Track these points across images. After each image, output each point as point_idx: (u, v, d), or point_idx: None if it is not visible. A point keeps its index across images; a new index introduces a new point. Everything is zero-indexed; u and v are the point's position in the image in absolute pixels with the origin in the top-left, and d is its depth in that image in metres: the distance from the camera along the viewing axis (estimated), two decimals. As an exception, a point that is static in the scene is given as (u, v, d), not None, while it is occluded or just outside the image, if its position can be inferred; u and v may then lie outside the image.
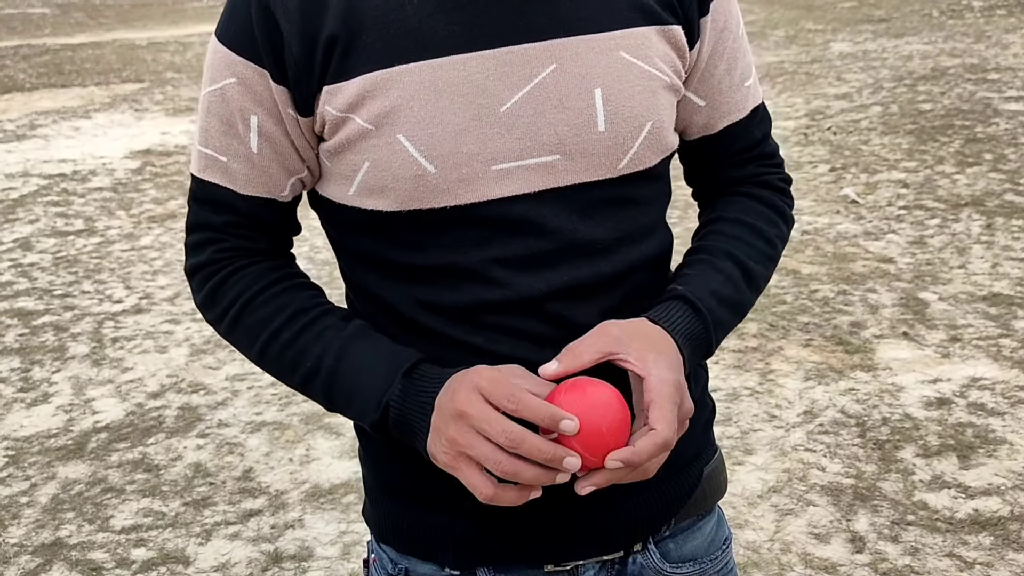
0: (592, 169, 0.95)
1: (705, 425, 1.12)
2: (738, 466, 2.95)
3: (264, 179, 0.98)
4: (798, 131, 6.97)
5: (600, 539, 1.02)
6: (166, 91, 10.54)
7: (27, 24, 18.34)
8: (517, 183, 0.93)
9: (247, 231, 1.01)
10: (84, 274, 5.06)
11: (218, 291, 1.01)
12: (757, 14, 13.12)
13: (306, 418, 3.42)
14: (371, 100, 0.90)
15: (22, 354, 4.12)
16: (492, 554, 1.02)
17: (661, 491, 1.05)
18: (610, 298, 0.97)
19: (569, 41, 0.93)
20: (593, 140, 0.94)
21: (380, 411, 0.93)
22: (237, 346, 1.03)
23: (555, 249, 0.94)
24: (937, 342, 3.66)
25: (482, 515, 1.00)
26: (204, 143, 0.99)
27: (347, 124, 0.92)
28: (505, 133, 0.92)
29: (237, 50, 0.93)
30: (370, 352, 0.96)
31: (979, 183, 5.47)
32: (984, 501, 2.70)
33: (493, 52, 0.91)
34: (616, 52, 0.94)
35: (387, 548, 1.09)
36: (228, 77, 0.94)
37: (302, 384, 0.99)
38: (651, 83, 0.96)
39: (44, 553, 2.75)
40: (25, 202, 6.51)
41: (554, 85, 0.92)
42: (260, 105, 0.94)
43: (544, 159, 0.93)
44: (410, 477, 1.03)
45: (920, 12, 11.98)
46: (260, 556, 2.69)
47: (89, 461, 3.25)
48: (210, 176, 0.99)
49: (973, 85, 7.74)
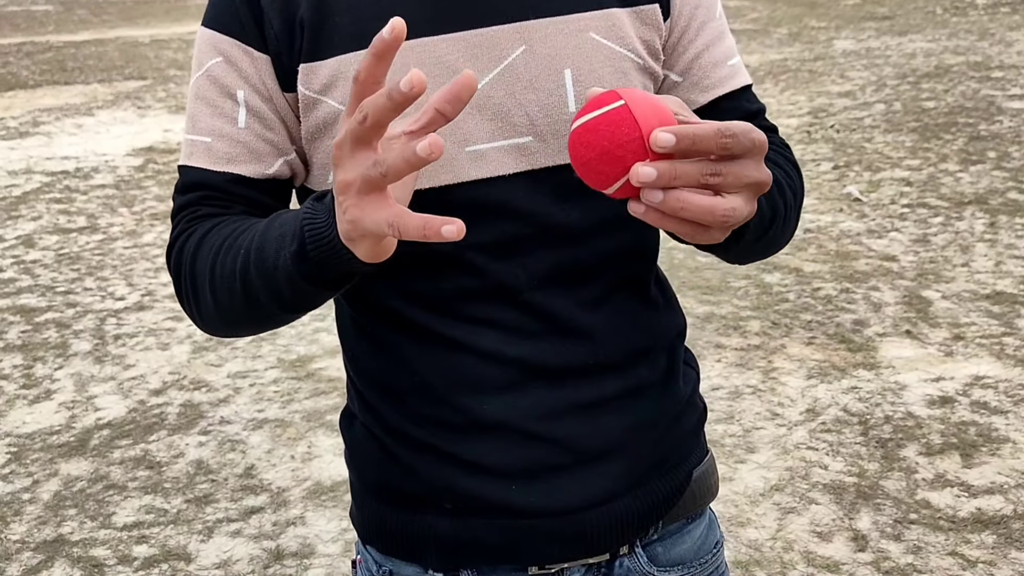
0: (565, 151, 0.93)
1: (695, 426, 1.10)
2: (740, 464, 2.95)
3: (247, 155, 0.96)
4: (801, 129, 6.96)
5: (585, 542, 1.01)
6: (169, 88, 10.54)
7: (31, 21, 18.35)
8: (491, 165, 0.93)
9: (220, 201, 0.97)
10: (86, 271, 5.06)
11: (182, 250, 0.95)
12: (760, 11, 13.10)
13: (308, 415, 3.42)
14: (343, 82, 0.91)
15: (24, 351, 4.12)
16: (475, 556, 1.01)
17: (647, 492, 1.03)
18: (590, 289, 0.97)
19: (538, 23, 0.93)
20: (564, 121, 0.93)
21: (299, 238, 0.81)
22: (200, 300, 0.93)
23: (531, 234, 0.94)
24: (940, 340, 3.65)
25: (465, 517, 0.99)
26: (191, 130, 0.98)
27: (320, 106, 0.92)
28: (477, 114, 0.92)
29: (221, 29, 0.95)
30: (295, 211, 0.87)
31: (982, 181, 5.46)
32: (987, 500, 2.69)
33: (463, 34, 0.92)
34: (586, 33, 0.94)
35: (371, 549, 1.08)
36: (214, 57, 0.95)
37: (243, 280, 0.87)
38: (622, 64, 0.95)
39: (46, 550, 2.76)
40: (28, 199, 6.52)
41: (524, 66, 0.93)
42: (246, 80, 0.95)
43: (517, 140, 0.93)
44: (393, 478, 1.03)
45: (924, 9, 11.95)
46: (262, 553, 2.69)
47: (91, 458, 3.25)
48: (193, 161, 0.97)
49: (977, 83, 7.72)
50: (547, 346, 0.96)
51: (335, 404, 3.48)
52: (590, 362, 0.98)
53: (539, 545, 1.00)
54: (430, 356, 0.94)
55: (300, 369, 3.79)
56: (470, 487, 0.99)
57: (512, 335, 0.95)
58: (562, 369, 0.97)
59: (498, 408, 0.97)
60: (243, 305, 0.89)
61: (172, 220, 1.01)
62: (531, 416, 0.97)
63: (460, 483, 0.99)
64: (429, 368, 0.97)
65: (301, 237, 0.80)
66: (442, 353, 0.95)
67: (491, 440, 0.97)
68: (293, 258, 0.81)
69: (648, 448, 1.03)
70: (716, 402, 3.31)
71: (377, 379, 1.02)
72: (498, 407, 0.97)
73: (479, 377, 0.96)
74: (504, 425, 0.97)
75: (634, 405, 1.01)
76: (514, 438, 0.97)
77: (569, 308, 0.96)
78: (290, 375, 3.75)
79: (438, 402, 0.98)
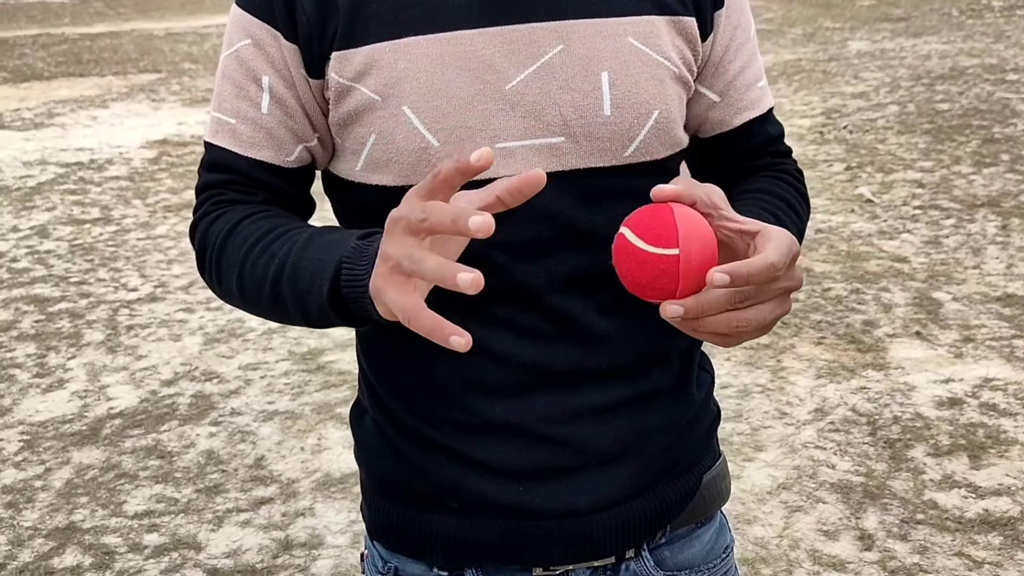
0: (597, 154, 0.93)
1: (708, 431, 1.09)
2: (748, 462, 2.96)
3: (270, 141, 0.97)
4: (814, 129, 6.95)
5: (591, 544, 1.00)
6: (183, 81, 10.58)
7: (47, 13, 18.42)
8: (521, 163, 0.92)
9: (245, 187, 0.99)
10: (100, 262, 5.10)
11: (207, 232, 0.98)
12: (775, 11, 13.07)
13: (318, 408, 3.44)
14: (378, 70, 0.90)
15: (38, 340, 4.15)
16: (480, 555, 1.01)
17: (655, 496, 1.02)
18: (608, 294, 0.95)
19: (577, 23, 0.92)
20: (599, 124, 0.92)
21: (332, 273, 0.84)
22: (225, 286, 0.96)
23: (555, 236, 0.93)
24: (950, 342, 3.65)
25: (472, 516, 0.99)
26: (217, 107, 0.99)
27: (353, 93, 0.92)
28: (510, 111, 0.91)
29: (252, 11, 0.94)
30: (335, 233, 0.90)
31: (995, 184, 5.45)
32: (994, 501, 2.70)
33: (501, 29, 0.91)
34: (624, 37, 0.93)
35: (378, 545, 1.08)
36: (244, 39, 0.95)
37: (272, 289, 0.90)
38: (659, 71, 0.95)
39: (58, 536, 2.78)
40: (42, 190, 6.56)
41: (560, 66, 0.92)
42: (272, 66, 0.94)
43: (549, 140, 0.92)
44: (401, 475, 1.02)
45: (939, 11, 11.91)
46: (271, 543, 2.71)
47: (103, 447, 3.28)
48: (219, 140, 0.98)
49: (991, 85, 7.70)
50: (562, 349, 0.96)
51: (345, 397, 3.50)
52: (604, 367, 0.97)
53: (545, 546, 0.99)
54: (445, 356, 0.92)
55: (311, 362, 3.81)
56: (478, 487, 0.98)
57: (528, 337, 0.95)
58: (576, 373, 0.97)
59: (509, 410, 0.96)
60: (269, 305, 0.93)
61: (197, 194, 1.02)
62: (542, 419, 0.96)
63: (468, 483, 0.99)
64: (443, 368, 0.97)
65: (337, 275, 0.84)
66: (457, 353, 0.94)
67: (501, 441, 0.97)
68: (327, 291, 0.85)
69: (658, 452, 1.02)
70: (725, 400, 3.32)
71: (390, 375, 1.02)
72: (510, 409, 0.96)
73: (493, 379, 0.95)
74: (515, 427, 0.97)
75: (646, 409, 1.01)
76: (524, 440, 0.97)
77: (587, 312, 0.96)
78: (301, 368, 3.77)
79: (450, 402, 0.98)
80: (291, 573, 2.58)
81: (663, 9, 0.96)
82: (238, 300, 0.97)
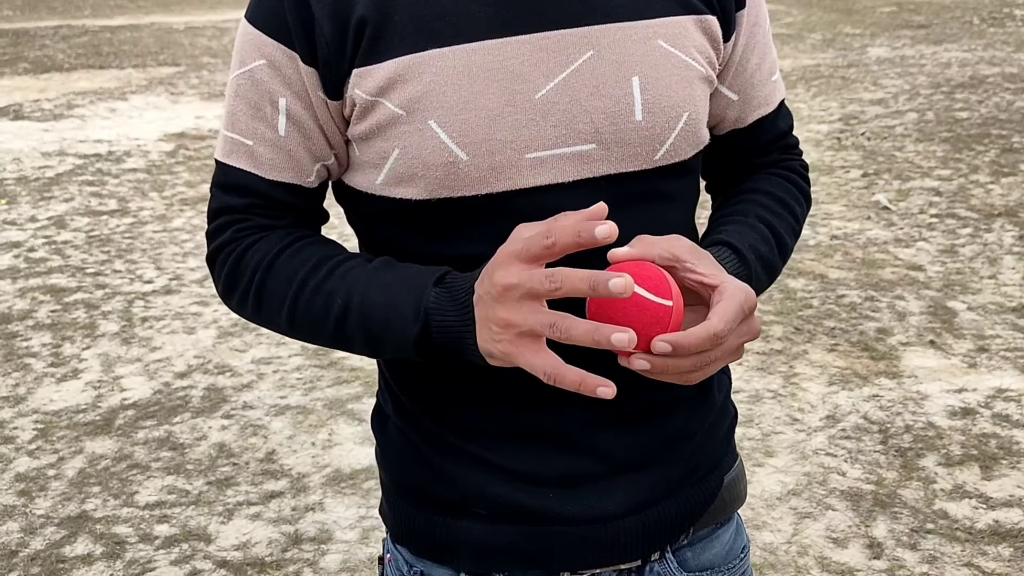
0: (628, 160, 0.93)
1: (727, 433, 1.10)
2: (758, 468, 2.95)
3: (290, 163, 0.95)
4: (831, 135, 6.93)
5: (618, 548, 1.00)
6: (202, 75, 10.63)
7: (67, 5, 18.53)
8: (551, 172, 0.91)
9: (270, 211, 0.98)
10: (116, 253, 5.13)
11: (239, 263, 0.97)
12: (795, 16, 13.02)
13: (329, 403, 3.46)
14: (402, 84, 0.88)
15: (53, 330, 4.18)
16: (508, 560, 1.01)
17: (681, 499, 1.03)
18: None
19: (606, 28, 0.91)
20: (630, 130, 0.91)
21: (420, 322, 0.88)
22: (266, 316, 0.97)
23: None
24: (964, 352, 3.64)
25: (500, 522, 0.99)
26: (230, 127, 0.97)
27: (377, 109, 0.90)
28: (540, 120, 0.89)
29: (267, 31, 0.91)
30: (399, 274, 0.91)
31: (1013, 193, 5.42)
32: (1005, 512, 2.68)
33: (528, 37, 0.89)
34: (654, 40, 0.92)
35: (402, 549, 1.07)
36: (258, 59, 0.92)
37: (336, 328, 0.93)
38: (688, 73, 0.94)
39: (69, 525, 2.80)
40: (60, 181, 6.60)
41: (591, 72, 0.90)
42: (289, 87, 0.92)
43: (579, 148, 0.91)
44: (427, 482, 1.02)
45: (960, 19, 11.85)
46: (280, 537, 2.72)
47: (116, 437, 3.30)
48: (234, 161, 0.96)
49: (1012, 95, 7.65)
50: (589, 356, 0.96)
51: (356, 393, 3.51)
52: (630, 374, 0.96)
53: (572, 551, 0.99)
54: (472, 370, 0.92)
55: (323, 357, 3.82)
56: (506, 494, 0.98)
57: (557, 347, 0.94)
58: None
59: (538, 418, 0.96)
60: (329, 341, 0.96)
61: (212, 216, 1.00)
62: (571, 427, 0.96)
63: (496, 489, 0.98)
64: (470, 381, 0.96)
65: (426, 323, 0.88)
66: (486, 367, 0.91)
67: (530, 449, 0.97)
68: (415, 337, 0.89)
69: (683, 457, 1.03)
70: (736, 405, 3.31)
71: (416, 384, 1.01)
72: (538, 418, 0.96)
73: (522, 390, 0.94)
74: (544, 435, 0.97)
75: (671, 416, 1.01)
76: (553, 448, 0.97)
77: None
78: (313, 363, 3.78)
79: (478, 411, 0.98)
80: (300, 567, 2.59)
81: (689, 9, 0.95)
82: (284, 331, 0.98)
